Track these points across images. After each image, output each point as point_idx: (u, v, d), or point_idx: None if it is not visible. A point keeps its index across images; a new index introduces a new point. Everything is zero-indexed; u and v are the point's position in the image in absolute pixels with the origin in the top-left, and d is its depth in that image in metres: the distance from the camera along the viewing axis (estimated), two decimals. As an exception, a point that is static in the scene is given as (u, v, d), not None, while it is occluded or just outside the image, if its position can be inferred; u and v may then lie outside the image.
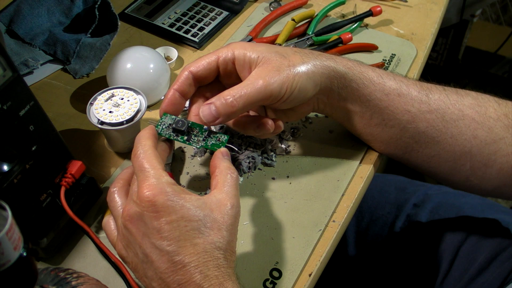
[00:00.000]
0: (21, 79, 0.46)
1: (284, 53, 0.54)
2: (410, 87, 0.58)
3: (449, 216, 0.78)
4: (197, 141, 0.54)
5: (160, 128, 0.53)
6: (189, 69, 0.54)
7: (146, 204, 0.43)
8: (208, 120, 0.52)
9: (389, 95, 0.57)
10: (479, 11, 1.65)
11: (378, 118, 0.58)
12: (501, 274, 0.70)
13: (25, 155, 0.47)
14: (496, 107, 0.58)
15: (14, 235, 0.33)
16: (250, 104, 0.52)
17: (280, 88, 0.52)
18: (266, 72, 0.52)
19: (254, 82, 0.52)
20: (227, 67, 0.55)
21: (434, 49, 1.74)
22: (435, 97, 0.58)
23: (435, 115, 0.57)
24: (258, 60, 0.53)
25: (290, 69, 0.53)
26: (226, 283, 0.43)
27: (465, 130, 0.57)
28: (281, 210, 0.58)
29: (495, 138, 0.57)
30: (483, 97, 0.59)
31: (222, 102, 0.51)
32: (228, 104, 0.51)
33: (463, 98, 0.58)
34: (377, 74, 0.57)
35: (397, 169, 1.18)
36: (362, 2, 0.84)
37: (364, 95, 0.57)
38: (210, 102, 0.52)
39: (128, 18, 0.81)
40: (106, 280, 0.50)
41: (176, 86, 0.54)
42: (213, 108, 0.51)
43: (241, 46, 0.54)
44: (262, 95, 0.52)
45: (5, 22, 0.77)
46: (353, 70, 0.56)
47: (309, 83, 0.54)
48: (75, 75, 0.72)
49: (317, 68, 0.54)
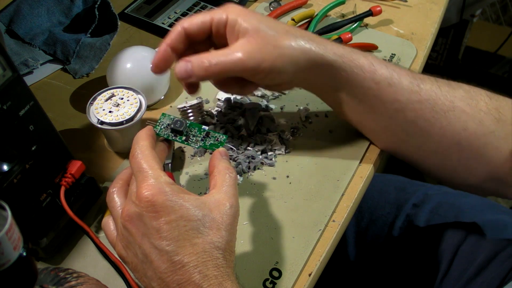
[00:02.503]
0: (21, 79, 0.46)
1: (275, 31, 0.53)
2: (401, 76, 0.57)
3: (448, 216, 0.78)
4: (195, 141, 0.54)
5: (159, 129, 0.53)
6: (183, 25, 0.54)
7: (145, 204, 0.43)
8: (181, 76, 0.53)
9: (380, 84, 0.56)
10: (479, 11, 1.65)
11: (366, 106, 0.58)
12: (500, 274, 0.70)
13: (25, 155, 0.47)
14: (487, 101, 0.58)
15: (14, 235, 0.33)
16: (225, 73, 0.53)
17: (257, 65, 0.52)
18: (249, 46, 0.52)
19: (234, 53, 0.52)
20: (219, 29, 0.54)
21: (434, 49, 1.74)
22: (427, 87, 0.57)
23: (425, 105, 0.57)
24: (246, 31, 0.53)
25: (274, 49, 0.52)
26: (225, 283, 0.43)
27: (455, 122, 0.57)
28: (281, 210, 0.58)
29: (485, 131, 0.57)
30: (475, 91, 0.59)
31: (198, 63, 0.52)
32: (203, 68, 0.52)
33: (455, 90, 0.58)
34: (368, 61, 0.56)
35: (397, 169, 1.18)
36: (362, 2, 0.84)
37: (353, 83, 0.57)
38: (188, 60, 0.53)
39: (128, 18, 0.81)
40: (106, 280, 0.50)
41: (169, 41, 0.54)
42: (189, 66, 0.52)
43: (236, 11, 0.54)
44: (239, 68, 0.52)
45: (5, 22, 0.77)
46: (343, 58, 0.55)
47: (290, 67, 0.54)
48: (75, 75, 0.72)
49: (303, 54, 0.54)
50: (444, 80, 0.59)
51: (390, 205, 0.81)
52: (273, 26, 0.54)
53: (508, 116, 0.57)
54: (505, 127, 0.57)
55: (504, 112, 0.57)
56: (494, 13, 1.84)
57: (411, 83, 0.57)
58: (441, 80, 0.59)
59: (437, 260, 0.75)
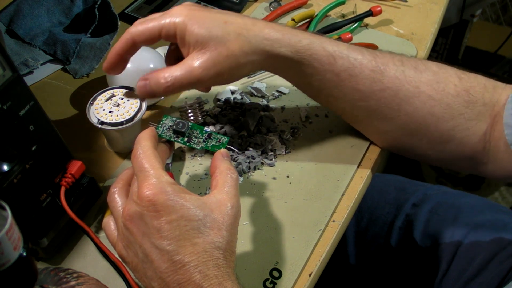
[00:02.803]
0: (21, 79, 0.46)
1: (225, 37, 0.52)
2: (363, 65, 0.56)
3: (448, 216, 0.78)
4: (197, 143, 0.54)
5: (161, 130, 0.54)
6: (131, 33, 0.54)
7: (146, 203, 0.43)
8: (143, 96, 0.55)
9: (339, 75, 0.56)
10: (479, 11, 1.65)
11: (327, 95, 0.59)
12: (500, 274, 0.70)
13: (25, 155, 0.47)
14: (457, 83, 0.57)
15: (14, 235, 0.33)
16: (184, 88, 0.54)
17: (214, 78, 0.53)
18: (202, 60, 0.52)
19: (188, 69, 0.52)
20: (171, 39, 0.54)
21: (434, 49, 1.74)
22: (390, 74, 0.56)
23: (388, 93, 0.57)
24: (197, 43, 0.52)
25: (228, 59, 0.53)
26: (226, 283, 0.43)
27: (421, 107, 0.57)
28: (281, 210, 0.58)
29: (454, 114, 0.56)
30: (444, 72, 0.58)
31: (155, 82, 0.53)
32: (162, 87, 0.53)
33: (421, 73, 0.57)
34: (328, 54, 0.55)
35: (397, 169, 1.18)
36: (362, 2, 0.84)
37: (312, 76, 0.57)
38: (146, 79, 0.54)
39: (128, 18, 0.81)
40: (106, 280, 0.50)
41: (117, 49, 0.55)
42: (147, 86, 0.54)
43: (183, 22, 0.53)
44: (195, 81, 0.53)
45: (5, 22, 0.77)
46: (300, 53, 0.55)
47: (244, 69, 0.55)
48: (75, 75, 0.72)
49: (257, 55, 0.54)
50: (412, 62, 0.58)
51: (389, 205, 0.81)
52: (223, 30, 0.53)
53: (479, 96, 0.57)
54: (476, 108, 0.57)
55: (475, 93, 0.57)
56: (494, 13, 1.84)
57: (373, 71, 0.56)
58: (408, 63, 0.58)
59: (436, 260, 0.75)
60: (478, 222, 0.76)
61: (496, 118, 0.57)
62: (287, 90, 0.70)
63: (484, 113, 0.57)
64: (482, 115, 0.57)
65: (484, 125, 0.57)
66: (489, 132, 0.57)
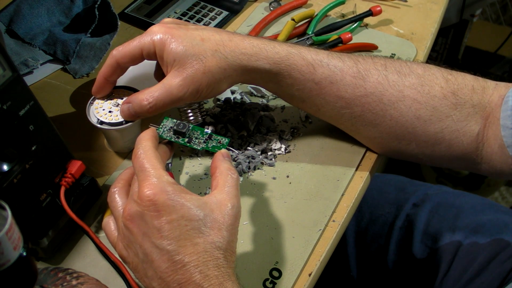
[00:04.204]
0: (21, 79, 0.46)
1: (201, 55, 0.54)
2: (344, 72, 0.56)
3: (448, 216, 0.78)
4: (198, 143, 0.54)
5: (162, 131, 0.54)
6: (115, 57, 0.56)
7: (147, 203, 0.43)
8: (128, 118, 0.57)
9: (320, 84, 0.57)
10: (479, 11, 1.65)
11: (310, 104, 0.59)
12: (500, 274, 0.70)
13: (25, 155, 0.47)
14: (443, 85, 0.57)
15: (14, 235, 0.33)
16: (166, 107, 0.55)
17: (193, 95, 0.55)
18: (181, 79, 0.54)
19: (167, 88, 0.54)
20: (151, 58, 0.56)
21: (434, 49, 1.74)
22: (373, 79, 0.57)
23: (371, 98, 0.57)
24: (174, 63, 0.54)
25: (205, 76, 0.54)
26: (226, 283, 0.43)
27: (406, 111, 0.57)
28: (281, 210, 0.58)
29: (441, 116, 0.56)
30: (430, 75, 0.58)
31: (138, 104, 0.55)
32: (144, 107, 0.54)
33: (404, 77, 0.57)
34: (307, 63, 0.56)
35: (397, 169, 1.18)
36: (362, 2, 0.84)
37: (293, 86, 0.57)
38: (128, 102, 0.55)
39: (128, 18, 0.81)
40: (106, 280, 0.50)
41: (104, 73, 0.57)
42: (131, 108, 0.55)
43: (161, 41, 0.54)
44: (175, 99, 0.54)
45: (5, 22, 0.77)
46: (278, 64, 0.56)
47: (223, 85, 0.56)
48: (75, 75, 0.72)
49: (234, 71, 0.55)
50: (395, 65, 0.58)
51: (390, 205, 0.81)
52: (199, 47, 0.54)
53: (467, 98, 0.56)
54: (464, 110, 0.56)
55: (462, 95, 0.56)
56: (494, 13, 1.84)
57: (355, 77, 0.56)
58: (391, 67, 0.58)
59: (436, 260, 0.75)
60: (479, 222, 0.76)
61: (489, 119, 0.57)
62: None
63: (474, 115, 0.56)
64: (472, 117, 0.56)
65: (476, 126, 0.57)
66: (481, 133, 0.57)
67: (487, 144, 0.57)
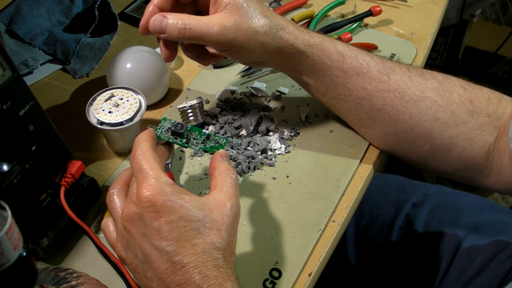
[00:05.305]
0: (21, 79, 0.46)
1: (254, 12, 0.55)
2: (371, 66, 0.58)
3: (448, 216, 0.78)
4: (196, 144, 0.54)
5: (160, 132, 0.54)
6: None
7: (145, 204, 0.43)
8: (154, 30, 0.54)
9: (347, 72, 0.58)
10: (479, 11, 1.65)
11: (333, 92, 0.60)
12: (500, 274, 0.70)
13: (25, 155, 0.47)
14: (461, 93, 0.58)
15: (13, 235, 0.33)
16: (196, 40, 0.54)
17: (229, 42, 0.54)
18: (226, 22, 0.54)
19: (210, 25, 0.53)
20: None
21: (434, 49, 1.74)
22: (397, 77, 0.58)
23: (394, 94, 0.58)
24: (228, 6, 0.54)
25: (248, 30, 0.54)
26: (225, 283, 0.43)
27: (426, 111, 0.57)
28: (280, 210, 0.58)
29: (458, 122, 0.57)
30: (449, 82, 0.59)
31: (173, 22, 0.53)
32: (177, 29, 0.53)
33: (427, 80, 0.58)
34: (337, 51, 0.58)
35: (397, 169, 1.18)
36: (362, 2, 0.84)
37: (320, 71, 0.58)
38: (165, 16, 0.54)
39: (128, 18, 0.81)
40: (106, 280, 0.50)
41: (156, 1, 0.55)
42: (164, 22, 0.53)
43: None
44: (210, 39, 0.54)
45: (5, 22, 0.77)
46: (312, 48, 0.57)
47: (259, 49, 0.56)
48: (74, 75, 0.72)
49: (273, 40, 0.56)
50: (418, 70, 0.59)
51: (389, 205, 0.81)
52: (254, 6, 0.55)
53: (483, 107, 0.57)
54: (479, 118, 0.57)
55: (479, 103, 0.57)
56: (494, 13, 1.84)
57: (380, 72, 0.58)
58: (414, 70, 0.59)
59: (436, 260, 0.75)
60: (478, 222, 0.76)
61: (501, 130, 0.57)
62: (287, 90, 0.70)
63: (488, 125, 0.57)
64: (486, 126, 0.57)
65: (489, 136, 0.57)
66: (493, 144, 0.57)
67: (498, 155, 0.58)
